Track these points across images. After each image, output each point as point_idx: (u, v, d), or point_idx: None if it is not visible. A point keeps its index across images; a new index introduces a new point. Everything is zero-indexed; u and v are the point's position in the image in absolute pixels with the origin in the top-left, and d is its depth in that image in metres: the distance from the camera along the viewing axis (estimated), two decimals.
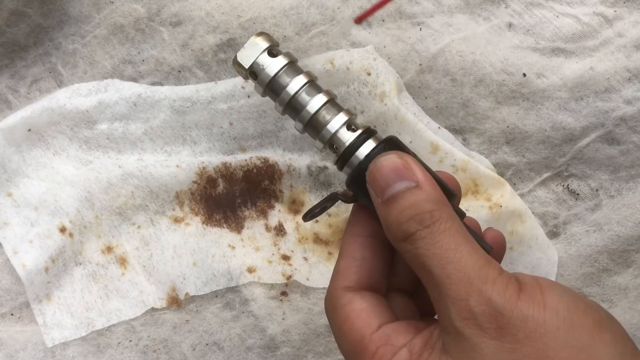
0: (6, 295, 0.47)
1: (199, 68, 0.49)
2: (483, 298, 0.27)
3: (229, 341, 0.47)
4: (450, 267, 0.28)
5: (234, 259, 0.48)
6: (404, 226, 0.30)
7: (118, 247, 0.48)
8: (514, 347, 0.26)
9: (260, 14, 0.48)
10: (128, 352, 0.47)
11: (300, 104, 0.36)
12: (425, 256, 0.29)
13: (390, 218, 0.30)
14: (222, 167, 0.48)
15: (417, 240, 0.29)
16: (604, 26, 0.47)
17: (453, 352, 0.28)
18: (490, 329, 0.27)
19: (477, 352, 0.27)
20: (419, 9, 0.48)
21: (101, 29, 0.49)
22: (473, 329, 0.27)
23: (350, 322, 0.32)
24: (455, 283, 0.28)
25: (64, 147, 0.48)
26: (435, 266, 0.28)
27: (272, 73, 0.36)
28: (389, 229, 0.31)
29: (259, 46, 0.36)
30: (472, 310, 0.27)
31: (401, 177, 0.31)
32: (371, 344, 0.31)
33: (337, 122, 0.35)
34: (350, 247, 0.34)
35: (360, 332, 0.31)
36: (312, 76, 0.36)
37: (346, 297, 0.33)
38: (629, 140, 0.47)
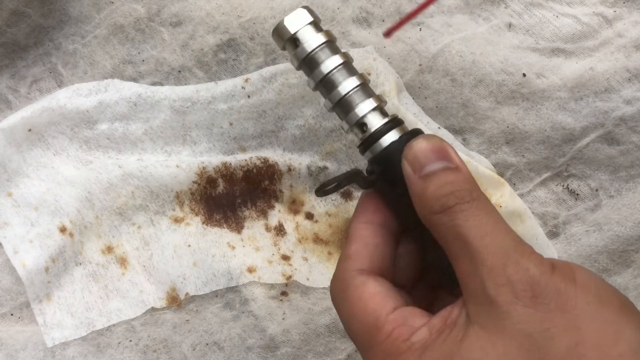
0: (6, 295, 0.47)
1: (199, 68, 0.49)
2: (520, 267, 0.28)
3: (229, 341, 0.47)
4: (489, 238, 0.29)
5: (234, 259, 0.48)
6: (442, 199, 0.30)
7: (118, 247, 0.48)
8: (546, 316, 0.27)
9: (260, 14, 0.48)
10: (128, 352, 0.47)
11: (334, 84, 0.36)
12: (464, 227, 0.29)
13: (429, 191, 0.31)
14: (222, 167, 0.48)
15: (456, 213, 0.30)
16: (604, 26, 0.47)
17: (482, 322, 0.28)
18: (525, 297, 0.27)
19: (509, 319, 0.27)
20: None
21: (101, 29, 0.49)
22: (507, 296, 0.27)
23: (364, 304, 0.31)
24: (492, 253, 0.28)
25: (64, 147, 0.48)
26: (473, 236, 0.29)
27: (311, 47, 0.36)
28: (424, 202, 0.31)
29: (306, 17, 0.36)
30: (508, 277, 0.28)
31: (441, 157, 0.32)
32: (387, 325, 0.30)
33: (368, 106, 0.35)
34: (361, 233, 0.34)
35: (374, 313, 0.31)
36: (349, 58, 0.36)
37: (359, 279, 0.32)
38: (629, 140, 0.47)
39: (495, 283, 0.28)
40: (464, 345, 0.28)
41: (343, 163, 0.49)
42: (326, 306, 0.47)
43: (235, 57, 0.49)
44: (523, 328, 0.27)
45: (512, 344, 0.27)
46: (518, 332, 0.27)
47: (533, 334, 0.27)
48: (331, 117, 0.48)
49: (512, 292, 0.27)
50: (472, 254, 0.29)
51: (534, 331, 0.27)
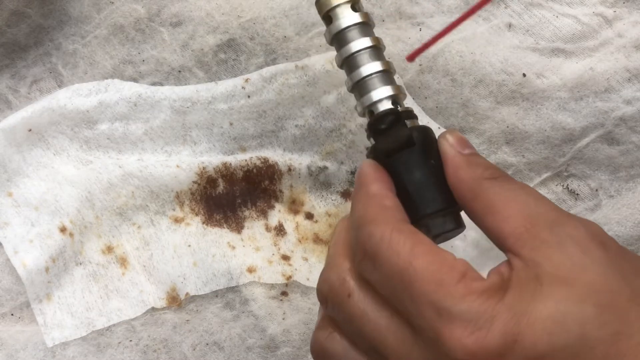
0: (6, 295, 0.47)
1: (199, 68, 0.49)
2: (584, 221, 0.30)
3: (229, 341, 0.47)
4: (545, 202, 0.30)
5: (234, 258, 0.48)
6: (492, 169, 0.32)
7: (118, 247, 0.48)
8: (616, 259, 0.28)
9: (260, 14, 0.48)
10: (128, 352, 0.47)
11: (357, 64, 0.36)
12: (519, 191, 0.31)
13: (479, 161, 0.32)
14: (222, 167, 0.48)
15: (509, 182, 0.31)
16: (604, 26, 0.47)
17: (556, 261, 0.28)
18: (598, 243, 0.29)
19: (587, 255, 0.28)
20: (419, 9, 0.48)
21: (101, 29, 0.49)
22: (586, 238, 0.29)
23: (428, 245, 0.29)
24: (555, 209, 0.30)
25: (64, 147, 0.48)
26: (531, 199, 0.30)
27: (344, 25, 0.36)
28: (475, 168, 0.32)
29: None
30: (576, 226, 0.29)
31: (471, 146, 0.34)
32: (458, 265, 0.28)
33: (383, 93, 0.36)
34: (390, 194, 0.32)
35: (442, 254, 0.29)
36: (380, 43, 0.37)
37: (411, 227, 0.30)
38: (629, 140, 0.47)
39: (567, 227, 0.29)
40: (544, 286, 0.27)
41: (343, 163, 0.49)
42: None
43: (235, 57, 0.49)
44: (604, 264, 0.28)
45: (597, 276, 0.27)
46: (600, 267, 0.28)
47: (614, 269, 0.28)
48: (331, 117, 0.48)
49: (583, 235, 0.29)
50: (530, 211, 0.29)
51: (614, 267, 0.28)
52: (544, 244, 0.28)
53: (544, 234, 0.28)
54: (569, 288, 0.27)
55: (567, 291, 0.27)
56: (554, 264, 0.28)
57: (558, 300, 0.27)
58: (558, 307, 0.27)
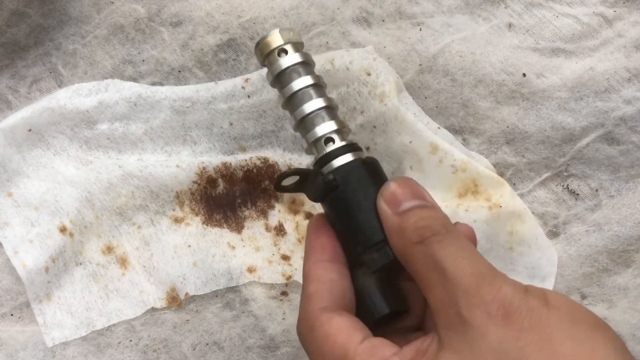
0: (6, 295, 0.47)
1: (199, 68, 0.49)
2: (493, 287, 0.29)
3: (229, 341, 0.47)
4: (464, 263, 0.30)
5: (234, 258, 0.48)
6: (420, 230, 0.32)
7: (118, 247, 0.48)
8: (520, 335, 0.27)
9: (260, 14, 0.48)
10: (128, 352, 0.47)
11: (299, 102, 0.38)
12: (440, 255, 0.31)
13: (407, 224, 0.33)
14: (222, 167, 0.48)
15: (432, 243, 0.31)
16: (604, 26, 0.47)
17: (455, 345, 0.28)
18: (498, 316, 0.28)
19: (482, 339, 0.27)
20: (418, 9, 0.48)
21: (101, 29, 0.49)
22: (481, 316, 0.28)
23: (332, 340, 0.32)
24: (467, 276, 0.29)
25: (64, 147, 0.48)
26: (449, 262, 0.30)
27: (284, 66, 0.38)
28: (402, 234, 0.33)
29: (277, 41, 0.38)
30: (482, 297, 0.28)
31: (417, 196, 0.34)
32: (357, 357, 0.30)
33: (327, 128, 0.37)
34: (315, 272, 0.35)
35: (343, 347, 0.31)
36: (320, 80, 0.38)
37: (324, 316, 0.33)
38: (629, 140, 0.47)
39: (469, 304, 0.28)
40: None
41: None
42: None
43: (235, 57, 0.49)
44: (497, 347, 0.27)
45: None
46: (492, 351, 0.27)
47: (507, 352, 0.27)
48: None
49: (485, 311, 0.28)
50: (447, 279, 0.30)
51: (508, 349, 0.27)
52: (451, 329, 0.29)
53: (453, 317, 0.29)
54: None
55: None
56: (454, 351, 0.28)
57: None
58: None
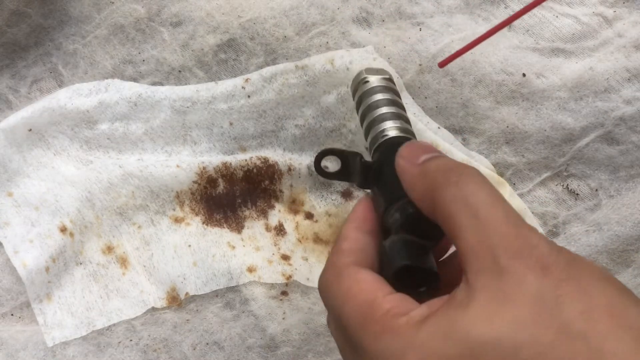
0: (7, 295, 0.47)
1: (199, 68, 0.49)
2: (532, 240, 0.28)
3: (229, 340, 0.47)
4: (498, 208, 0.29)
5: (234, 258, 0.48)
6: (446, 172, 0.31)
7: (118, 247, 0.48)
8: (558, 285, 0.27)
9: (260, 14, 0.48)
10: (128, 352, 0.47)
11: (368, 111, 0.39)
12: (473, 196, 0.29)
13: (431, 168, 0.32)
14: (222, 167, 0.48)
15: (463, 183, 0.30)
16: (604, 26, 0.47)
17: (489, 290, 0.27)
18: (537, 268, 0.27)
19: (520, 286, 0.27)
20: (418, 9, 0.48)
21: (102, 29, 0.49)
22: (520, 266, 0.27)
23: (359, 287, 0.31)
24: (503, 222, 0.28)
25: (64, 147, 0.48)
26: (482, 205, 0.29)
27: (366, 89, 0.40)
28: (425, 178, 0.32)
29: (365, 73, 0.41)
30: (520, 249, 0.28)
31: (433, 150, 0.34)
32: (384, 303, 0.29)
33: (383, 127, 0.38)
34: (352, 233, 0.34)
35: (371, 294, 0.30)
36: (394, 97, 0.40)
37: (353, 268, 0.32)
38: (629, 140, 0.47)
39: (507, 252, 0.27)
40: (468, 315, 0.27)
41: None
42: None
43: (235, 57, 0.49)
44: (534, 294, 0.27)
45: (523, 310, 0.26)
46: (529, 298, 0.27)
47: (545, 299, 0.27)
48: (331, 117, 0.48)
49: (524, 262, 0.27)
50: (481, 221, 0.28)
51: (546, 297, 0.27)
52: (486, 274, 0.28)
53: (488, 262, 0.28)
54: (490, 323, 0.27)
55: (488, 327, 0.27)
56: (487, 296, 0.27)
57: (475, 335, 0.27)
58: (473, 343, 0.26)
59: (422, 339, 0.27)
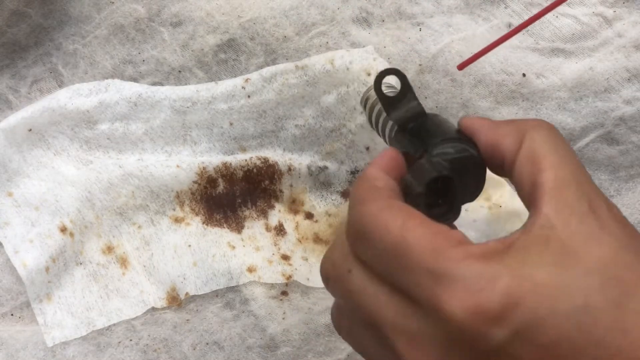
0: (7, 294, 0.47)
1: (199, 68, 0.49)
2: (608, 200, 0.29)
3: (229, 340, 0.47)
4: (582, 165, 0.30)
5: (234, 258, 0.48)
6: (539, 121, 0.31)
7: (118, 247, 0.48)
8: (633, 239, 0.28)
9: (260, 15, 0.48)
10: (128, 352, 0.47)
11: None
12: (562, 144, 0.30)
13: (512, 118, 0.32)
14: (222, 167, 0.48)
15: (557, 135, 0.30)
16: (604, 26, 0.47)
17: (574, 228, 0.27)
18: (618, 221, 0.28)
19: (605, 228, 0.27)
20: (418, 9, 0.48)
21: (102, 29, 0.49)
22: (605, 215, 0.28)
23: (420, 217, 0.28)
24: (585, 173, 0.29)
25: (64, 147, 0.48)
26: (572, 152, 0.30)
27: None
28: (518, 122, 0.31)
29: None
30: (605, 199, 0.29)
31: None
32: (454, 234, 0.28)
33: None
34: (385, 176, 0.32)
35: (435, 225, 0.28)
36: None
37: (402, 204, 0.30)
38: (629, 140, 0.47)
39: (595, 201, 0.28)
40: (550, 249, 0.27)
41: (343, 163, 0.49)
42: (326, 306, 0.47)
43: (235, 57, 0.49)
44: (619, 240, 0.27)
45: (610, 250, 0.27)
46: (615, 242, 0.27)
47: (629, 246, 0.27)
48: (331, 117, 0.48)
49: (607, 212, 0.28)
50: (573, 168, 0.29)
51: (629, 245, 0.27)
52: (567, 208, 0.28)
53: (571, 199, 0.28)
54: (577, 259, 0.26)
55: (575, 262, 0.26)
56: (569, 231, 0.27)
57: (564, 269, 0.26)
58: (563, 275, 0.26)
59: (511, 267, 0.26)
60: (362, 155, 0.48)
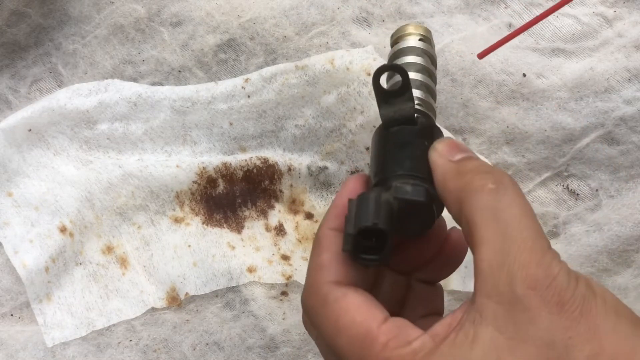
0: (6, 295, 0.47)
1: (199, 68, 0.49)
2: (552, 271, 0.27)
3: (229, 341, 0.47)
4: (530, 228, 0.28)
5: (234, 258, 0.48)
6: (485, 178, 0.29)
7: (118, 247, 0.48)
8: (570, 325, 0.26)
9: (260, 14, 0.48)
10: (128, 352, 0.47)
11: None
12: (507, 211, 0.28)
13: (466, 169, 0.30)
14: (222, 167, 0.48)
15: (497, 194, 0.29)
16: (604, 26, 0.47)
17: (500, 323, 0.26)
18: (552, 303, 0.26)
19: (533, 324, 0.26)
20: (419, 9, 0.48)
21: (101, 29, 0.49)
22: (536, 299, 0.26)
23: (350, 316, 0.29)
24: (531, 247, 0.27)
25: (64, 147, 0.48)
26: (515, 222, 0.28)
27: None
28: (461, 177, 0.30)
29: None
30: (540, 279, 0.27)
31: (468, 151, 0.32)
32: (381, 336, 0.28)
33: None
34: (331, 241, 0.32)
35: (364, 324, 0.28)
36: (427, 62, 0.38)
37: (339, 290, 0.30)
38: (629, 140, 0.47)
39: (526, 282, 0.26)
40: (475, 348, 0.26)
41: (343, 163, 0.49)
42: None
43: (235, 57, 0.49)
44: (546, 336, 0.26)
45: (532, 351, 0.26)
46: (540, 339, 0.26)
47: (555, 342, 0.26)
48: (331, 117, 0.48)
49: (541, 295, 0.26)
50: (508, 242, 0.27)
51: (557, 339, 0.26)
52: (497, 299, 0.27)
53: (503, 286, 0.27)
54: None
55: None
56: (496, 327, 0.26)
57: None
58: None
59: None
60: (362, 155, 0.48)
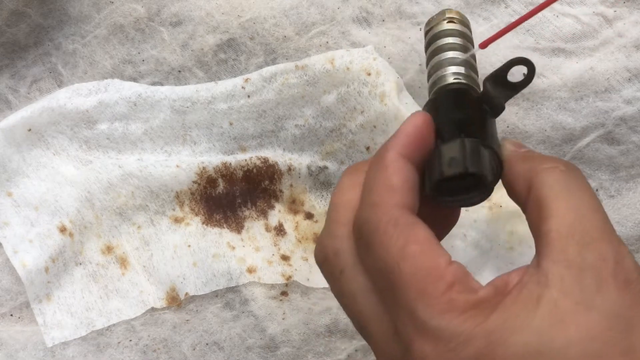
0: (6, 295, 0.47)
1: (199, 68, 0.49)
2: (621, 252, 0.27)
3: (229, 341, 0.47)
4: (600, 212, 0.28)
5: (234, 259, 0.48)
6: (556, 161, 0.30)
7: (118, 247, 0.48)
8: (633, 304, 0.26)
9: (260, 14, 0.48)
10: (128, 352, 0.47)
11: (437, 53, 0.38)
12: (576, 191, 0.28)
13: (534, 154, 0.31)
14: (222, 167, 0.48)
15: (570, 176, 0.29)
16: (604, 26, 0.47)
17: (566, 288, 0.26)
18: (620, 279, 0.26)
19: (600, 294, 0.26)
20: (419, 9, 0.48)
21: (101, 29, 0.49)
22: (606, 271, 0.26)
23: (420, 245, 0.27)
24: (601, 228, 0.27)
25: (64, 147, 0.48)
26: (586, 204, 0.28)
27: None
28: (530, 159, 0.30)
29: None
30: (610, 255, 0.27)
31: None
32: (447, 274, 0.27)
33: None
34: (400, 166, 0.30)
35: (433, 259, 0.27)
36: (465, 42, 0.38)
37: (411, 217, 0.29)
38: (629, 140, 0.47)
39: (597, 253, 0.26)
40: (541, 308, 0.25)
41: (343, 163, 0.49)
42: (326, 306, 0.47)
43: (235, 57, 0.49)
44: (612, 308, 0.25)
45: (597, 319, 0.25)
46: (605, 311, 0.25)
47: (620, 316, 0.25)
48: (331, 117, 0.48)
49: (612, 269, 0.26)
50: (580, 217, 0.27)
51: (622, 314, 0.25)
52: (565, 264, 0.26)
53: (572, 252, 0.26)
54: (562, 328, 0.25)
55: (558, 332, 0.25)
56: (563, 292, 0.26)
57: (546, 338, 0.25)
58: (542, 347, 0.25)
59: (490, 329, 0.25)
60: (362, 155, 0.48)
